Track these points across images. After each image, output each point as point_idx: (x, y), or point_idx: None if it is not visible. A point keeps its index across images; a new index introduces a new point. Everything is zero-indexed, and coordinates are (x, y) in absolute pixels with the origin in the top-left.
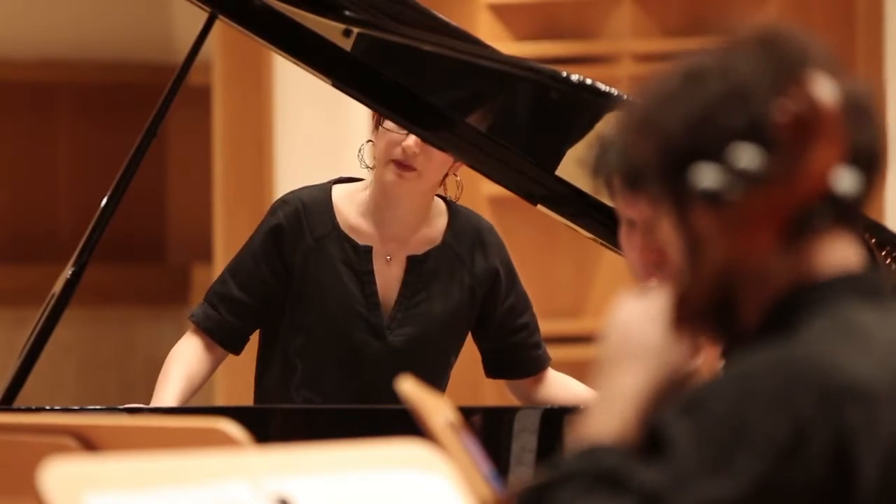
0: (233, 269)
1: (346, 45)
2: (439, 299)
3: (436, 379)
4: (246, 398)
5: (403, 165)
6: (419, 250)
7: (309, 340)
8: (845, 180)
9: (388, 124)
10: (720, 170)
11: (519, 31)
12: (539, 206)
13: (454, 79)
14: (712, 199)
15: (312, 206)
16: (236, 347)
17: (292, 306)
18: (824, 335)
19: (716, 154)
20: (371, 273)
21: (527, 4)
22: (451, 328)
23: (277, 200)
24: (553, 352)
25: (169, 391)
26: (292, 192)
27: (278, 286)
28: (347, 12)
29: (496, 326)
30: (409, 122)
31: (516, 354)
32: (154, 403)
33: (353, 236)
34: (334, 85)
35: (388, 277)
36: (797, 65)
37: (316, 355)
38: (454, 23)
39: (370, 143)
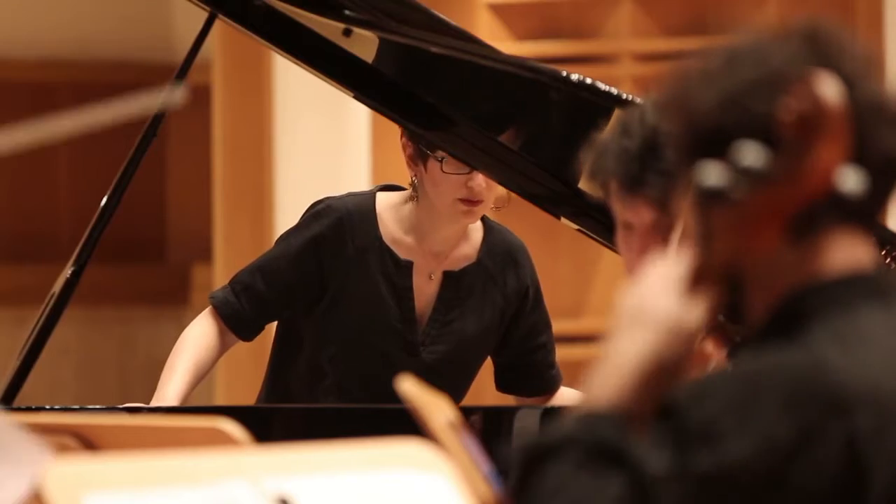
0: (264, 264)
1: (348, 45)
2: (472, 317)
3: (459, 395)
4: (246, 398)
5: (472, 202)
6: (455, 266)
7: (341, 350)
8: (850, 179)
9: (449, 167)
10: (724, 168)
11: (519, 30)
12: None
13: (454, 78)
14: (717, 197)
15: (357, 215)
16: (249, 336)
17: (327, 314)
18: (832, 339)
19: (745, 134)
20: (410, 289)
21: (527, 4)
22: (480, 347)
23: (323, 204)
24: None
25: (176, 379)
26: (338, 199)
27: (306, 294)
28: (347, 12)
29: (516, 344)
30: (409, 121)
31: (531, 372)
32: (160, 389)
33: (394, 249)
34: (335, 85)
35: (424, 293)
36: (832, 61)
37: (347, 366)
38: (454, 22)
39: (419, 169)
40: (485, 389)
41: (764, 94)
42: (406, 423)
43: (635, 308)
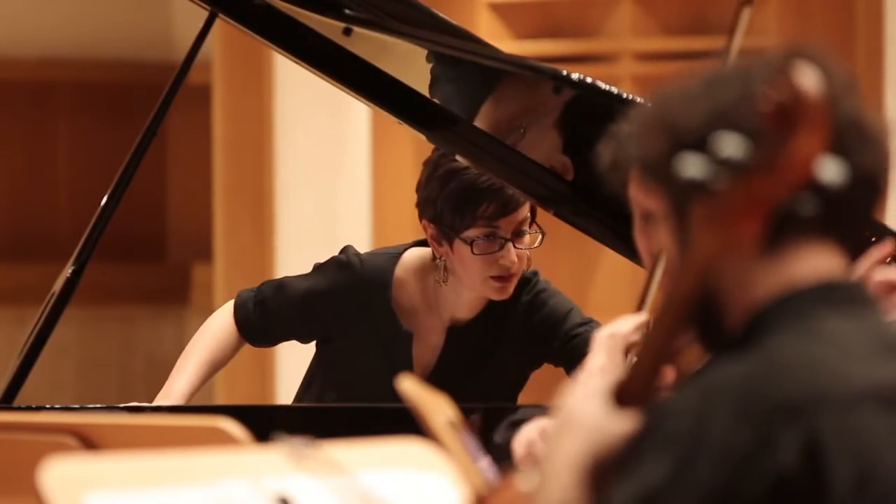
0: (284, 287)
1: (349, 44)
2: (475, 371)
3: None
4: (246, 398)
5: (505, 278)
6: (461, 315)
7: (342, 398)
8: (830, 170)
9: (480, 247)
10: (705, 159)
11: (519, 29)
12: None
13: (454, 77)
14: (698, 188)
15: (371, 280)
16: (258, 343)
17: (333, 359)
18: (791, 345)
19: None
20: (409, 358)
21: (527, 3)
22: (497, 389)
23: (344, 257)
24: None
25: (185, 377)
26: (364, 257)
27: (309, 334)
28: (348, 11)
29: (557, 352)
30: (409, 120)
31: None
32: (170, 382)
33: (402, 317)
34: (336, 84)
35: (426, 351)
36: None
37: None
38: (455, 21)
39: (446, 250)
40: None
41: (750, 111)
42: (406, 423)
43: (566, 413)
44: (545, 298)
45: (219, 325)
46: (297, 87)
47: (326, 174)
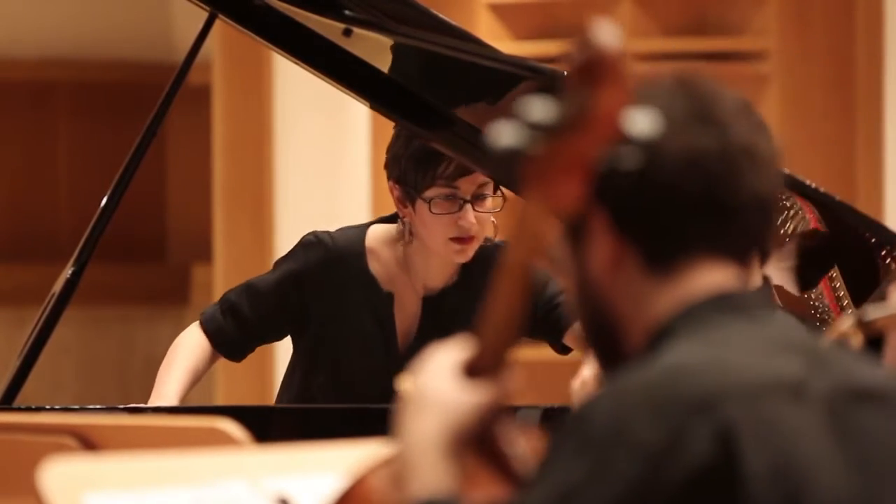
0: (252, 287)
1: (348, 45)
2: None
3: None
4: (246, 398)
5: (464, 240)
6: (436, 284)
7: (329, 380)
8: (640, 121)
9: (438, 207)
10: (517, 126)
11: (519, 30)
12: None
13: (454, 78)
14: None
15: (345, 250)
16: (234, 356)
17: (314, 344)
18: (690, 348)
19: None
20: (392, 319)
21: (527, 4)
22: None
23: (312, 236)
24: (549, 351)
25: (174, 380)
26: (328, 233)
27: (288, 323)
28: (347, 12)
29: (538, 322)
30: (409, 121)
31: (560, 324)
32: (158, 388)
33: (380, 280)
34: (337, 86)
35: (406, 323)
36: (705, 104)
37: (336, 395)
38: (454, 22)
39: (408, 210)
40: None
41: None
42: None
43: (417, 395)
44: None
45: (191, 340)
46: (297, 88)
47: (326, 174)
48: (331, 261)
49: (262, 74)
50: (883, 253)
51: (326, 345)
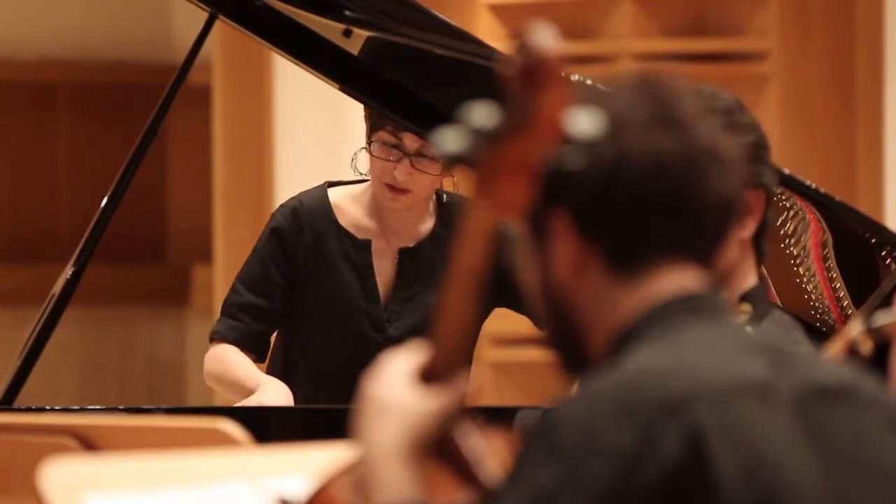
0: (243, 277)
1: (348, 45)
2: (435, 290)
3: None
4: None
5: (396, 189)
6: (411, 243)
7: (310, 337)
8: (582, 121)
9: (377, 150)
10: (460, 132)
11: (518, 30)
12: None
13: (454, 78)
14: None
15: (310, 204)
16: (263, 353)
17: (293, 304)
18: (656, 351)
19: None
20: (370, 266)
21: (526, 4)
22: None
23: (278, 210)
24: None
25: (249, 369)
26: (296, 198)
27: (290, 285)
28: (347, 12)
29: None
30: (409, 121)
31: None
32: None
33: (352, 231)
34: (337, 86)
35: (384, 271)
36: (667, 105)
37: (317, 352)
38: (454, 22)
39: (364, 150)
40: (485, 389)
41: (610, 137)
42: None
43: (374, 403)
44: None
45: (222, 352)
46: (297, 88)
47: (326, 174)
48: (301, 214)
49: (262, 74)
50: (883, 253)
51: (306, 300)
